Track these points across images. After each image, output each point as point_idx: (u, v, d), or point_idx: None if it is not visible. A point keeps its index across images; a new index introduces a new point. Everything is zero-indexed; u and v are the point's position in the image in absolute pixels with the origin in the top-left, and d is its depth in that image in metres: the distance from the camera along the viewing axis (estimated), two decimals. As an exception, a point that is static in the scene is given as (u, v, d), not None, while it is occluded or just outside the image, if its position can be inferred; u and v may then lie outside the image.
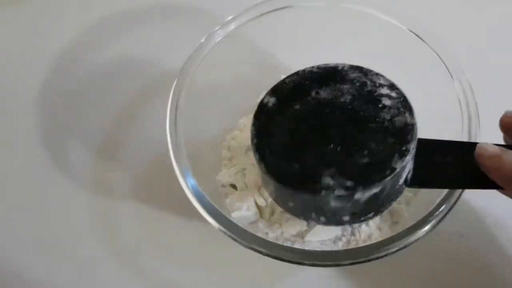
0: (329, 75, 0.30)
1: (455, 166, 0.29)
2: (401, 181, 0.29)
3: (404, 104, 0.29)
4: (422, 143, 0.28)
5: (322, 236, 0.34)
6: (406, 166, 0.28)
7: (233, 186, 0.36)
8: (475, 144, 0.28)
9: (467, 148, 0.28)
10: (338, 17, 0.37)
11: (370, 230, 0.34)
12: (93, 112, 0.42)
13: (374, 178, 0.27)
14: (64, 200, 0.39)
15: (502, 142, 0.30)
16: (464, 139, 0.32)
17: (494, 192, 0.28)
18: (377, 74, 0.30)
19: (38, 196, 0.39)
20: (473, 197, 0.32)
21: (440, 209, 0.29)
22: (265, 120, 0.29)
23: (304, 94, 0.30)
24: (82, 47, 0.45)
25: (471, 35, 0.43)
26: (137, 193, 0.38)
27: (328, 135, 0.28)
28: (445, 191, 0.30)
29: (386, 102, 0.29)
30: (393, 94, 0.29)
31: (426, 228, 0.29)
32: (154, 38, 0.45)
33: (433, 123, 0.31)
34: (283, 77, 0.31)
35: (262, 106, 0.30)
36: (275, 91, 0.30)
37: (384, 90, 0.29)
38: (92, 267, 0.36)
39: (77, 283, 0.36)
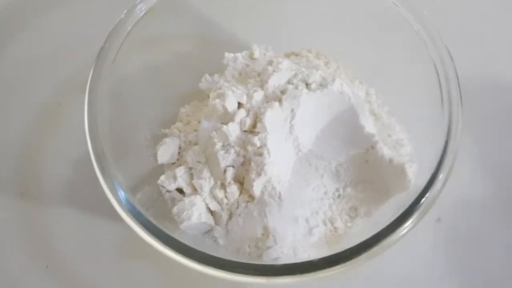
0: None
1: None
2: None
3: None
4: None
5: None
6: None
7: (180, 191, 0.33)
8: None
9: None
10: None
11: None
12: (5, 112, 0.39)
13: None
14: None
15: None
16: (445, 117, 0.30)
17: (470, 177, 0.29)
18: None
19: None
20: (450, 181, 0.30)
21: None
22: None
23: None
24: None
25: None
26: (66, 196, 0.36)
27: None
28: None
29: None
30: None
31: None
32: (62, 23, 0.41)
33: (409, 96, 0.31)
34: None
35: None
36: None
37: None
38: (18, 280, 0.34)
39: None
